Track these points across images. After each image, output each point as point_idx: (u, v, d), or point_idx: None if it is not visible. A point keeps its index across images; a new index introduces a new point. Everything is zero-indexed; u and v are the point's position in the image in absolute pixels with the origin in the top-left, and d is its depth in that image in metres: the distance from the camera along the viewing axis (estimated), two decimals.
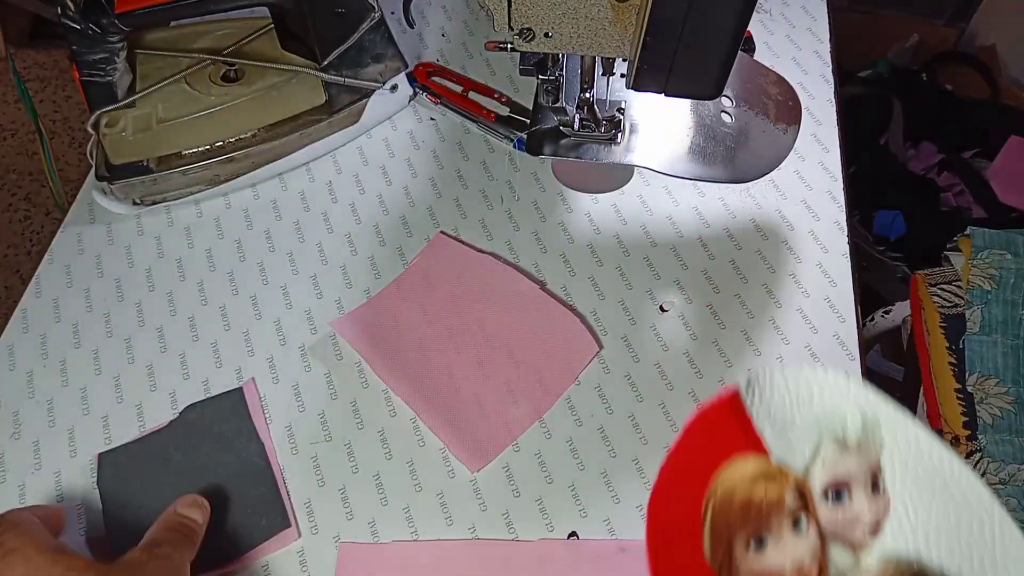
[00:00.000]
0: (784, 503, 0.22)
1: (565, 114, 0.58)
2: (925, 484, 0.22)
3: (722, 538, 0.22)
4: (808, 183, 0.68)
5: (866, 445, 0.22)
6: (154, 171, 0.66)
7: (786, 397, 0.23)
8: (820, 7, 0.82)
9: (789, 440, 0.23)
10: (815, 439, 0.23)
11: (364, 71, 0.69)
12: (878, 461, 0.22)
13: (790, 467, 0.23)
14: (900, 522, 0.21)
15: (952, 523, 0.21)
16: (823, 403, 0.23)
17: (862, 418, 0.22)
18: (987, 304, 0.79)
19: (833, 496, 0.22)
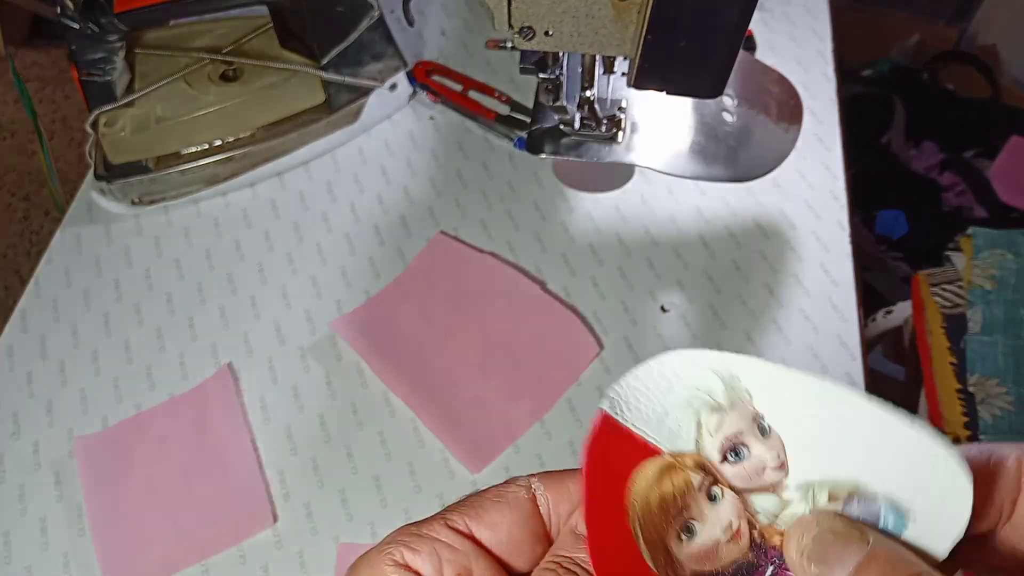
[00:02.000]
0: (691, 484, 0.23)
1: (566, 113, 0.58)
2: (799, 412, 0.23)
3: (657, 544, 0.23)
4: (810, 182, 0.68)
5: (736, 399, 0.24)
6: (153, 171, 0.65)
7: (649, 395, 0.25)
8: (822, 6, 0.81)
9: (670, 429, 0.24)
10: (692, 416, 0.24)
11: (363, 70, 0.69)
12: (753, 408, 0.24)
13: (683, 452, 0.24)
14: (797, 452, 0.23)
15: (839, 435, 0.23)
16: (683, 383, 0.24)
17: (721, 379, 0.24)
18: (988, 304, 0.79)
19: (732, 455, 0.24)
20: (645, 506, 0.24)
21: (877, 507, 0.22)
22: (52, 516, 0.53)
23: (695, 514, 0.24)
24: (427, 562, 0.23)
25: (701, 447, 0.24)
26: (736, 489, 0.24)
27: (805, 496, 0.23)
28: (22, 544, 0.52)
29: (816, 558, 0.21)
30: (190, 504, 0.52)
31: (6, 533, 0.52)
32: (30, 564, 0.51)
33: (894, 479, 0.22)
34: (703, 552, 0.23)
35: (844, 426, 0.23)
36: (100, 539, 0.51)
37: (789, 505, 0.23)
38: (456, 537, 0.24)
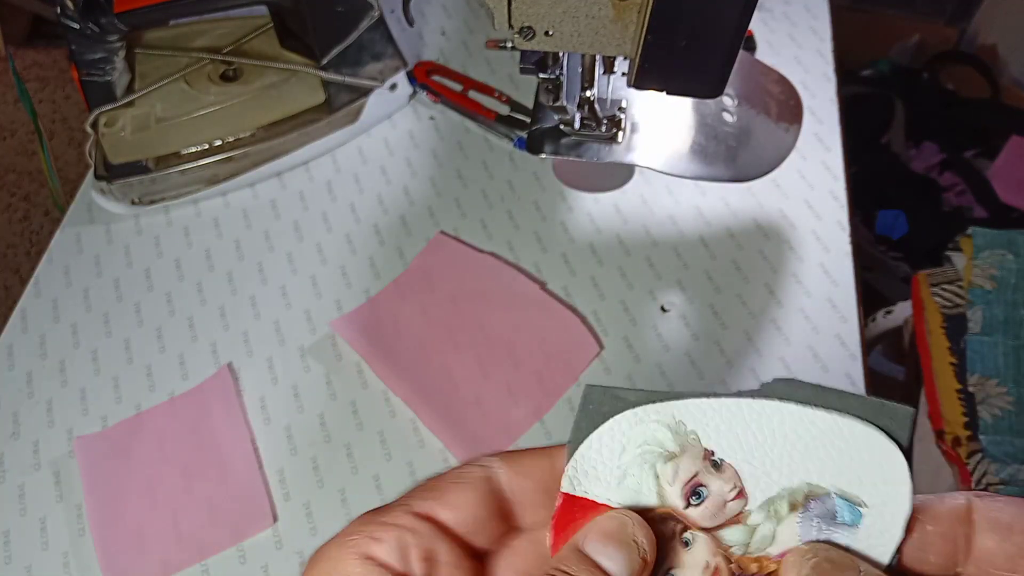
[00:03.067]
0: (663, 536, 0.24)
1: (566, 113, 0.58)
2: (742, 435, 0.25)
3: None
4: (810, 182, 0.68)
5: (685, 443, 0.25)
6: (153, 171, 0.65)
7: (605, 463, 0.26)
8: (822, 6, 0.81)
9: (631, 489, 0.25)
10: (649, 471, 0.25)
11: (363, 70, 0.69)
12: (702, 447, 0.25)
13: (649, 506, 0.25)
14: (753, 476, 0.24)
15: (783, 447, 0.24)
16: (632, 441, 0.25)
17: (668, 428, 0.25)
18: (988, 304, 0.79)
19: (694, 498, 0.25)
20: None
21: (832, 503, 0.24)
22: (52, 516, 0.53)
23: (673, 562, 0.24)
24: (392, 551, 0.23)
25: (663, 498, 0.25)
26: (705, 529, 0.24)
27: (768, 515, 0.24)
28: (22, 544, 0.52)
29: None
30: (190, 504, 0.52)
31: (6, 533, 0.52)
32: (30, 564, 0.51)
33: (839, 472, 0.24)
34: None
35: (785, 437, 0.24)
36: (100, 539, 0.51)
37: (756, 530, 0.24)
38: (418, 522, 0.24)
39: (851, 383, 0.57)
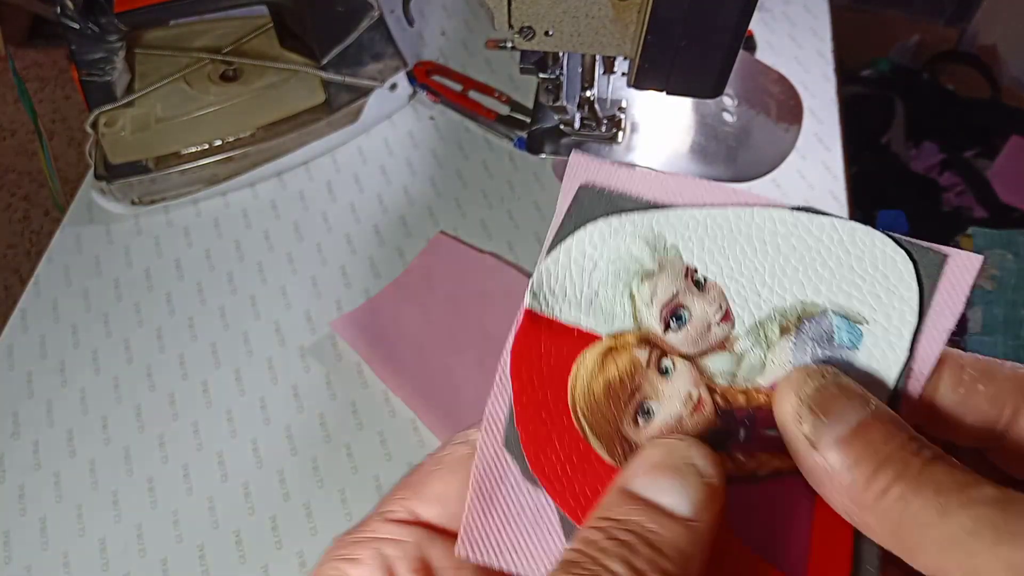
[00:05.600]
0: (639, 362, 0.22)
1: (566, 113, 0.58)
2: (731, 249, 0.22)
3: (611, 435, 0.21)
4: (810, 182, 0.68)
5: (664, 259, 0.22)
6: (152, 171, 0.65)
7: (572, 278, 0.23)
8: (822, 6, 0.81)
9: (603, 310, 0.22)
10: (623, 290, 0.22)
11: (363, 70, 0.69)
12: (683, 263, 0.22)
13: (623, 330, 0.22)
14: (741, 295, 0.22)
15: (777, 259, 0.22)
16: (604, 256, 0.23)
17: (644, 241, 0.22)
18: (988, 304, 0.79)
19: (674, 321, 0.22)
20: (590, 398, 0.22)
21: (829, 322, 0.21)
22: (52, 516, 0.53)
23: (649, 393, 0.22)
24: (374, 570, 0.20)
25: (640, 321, 0.22)
26: (686, 356, 0.22)
27: (757, 340, 0.21)
28: (22, 544, 0.52)
29: (820, 407, 0.18)
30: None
31: (6, 533, 0.52)
32: (30, 564, 0.51)
33: (838, 286, 0.21)
34: (665, 431, 0.21)
35: (777, 248, 0.22)
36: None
37: (744, 357, 0.21)
38: (400, 528, 0.21)
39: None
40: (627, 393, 0.22)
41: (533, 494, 0.22)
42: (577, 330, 0.23)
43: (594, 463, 0.22)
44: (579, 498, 0.21)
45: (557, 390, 0.22)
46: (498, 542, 0.22)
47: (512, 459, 0.22)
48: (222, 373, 0.59)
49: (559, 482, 0.22)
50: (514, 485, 0.22)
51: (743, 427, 0.21)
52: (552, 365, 0.23)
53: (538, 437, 0.22)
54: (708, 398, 0.21)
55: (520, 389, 0.23)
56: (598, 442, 0.22)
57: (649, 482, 0.19)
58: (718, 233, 0.22)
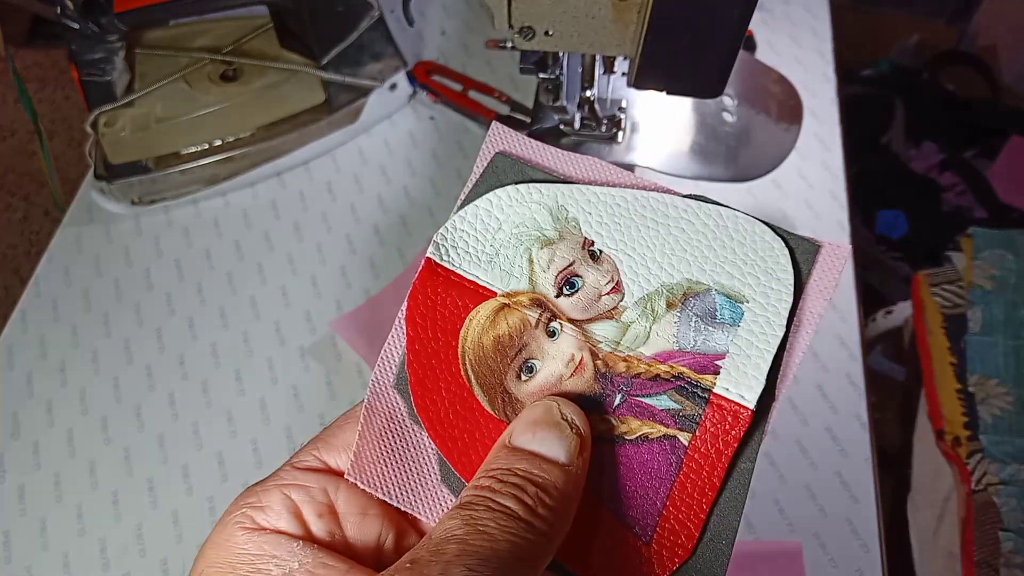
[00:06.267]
0: (528, 322, 0.23)
1: (566, 113, 0.58)
2: (627, 226, 0.23)
3: (494, 386, 0.23)
4: (810, 182, 0.68)
5: (565, 229, 0.24)
6: (152, 170, 0.65)
7: (477, 236, 0.24)
8: (822, 6, 0.81)
9: (502, 269, 0.24)
10: (523, 253, 0.24)
11: (363, 70, 0.69)
12: (582, 235, 0.23)
13: (518, 290, 0.24)
14: (632, 269, 0.23)
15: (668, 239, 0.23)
16: (509, 219, 0.24)
17: (548, 211, 0.24)
18: (988, 304, 0.79)
19: (567, 287, 0.23)
20: (479, 350, 0.23)
21: (713, 300, 0.23)
22: (52, 516, 0.53)
23: (534, 351, 0.23)
24: (280, 513, 0.21)
25: (535, 284, 0.24)
26: (575, 321, 0.23)
27: (644, 311, 0.23)
28: (22, 544, 0.52)
29: None
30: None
31: (6, 533, 0.52)
32: (30, 564, 0.51)
33: (722, 267, 0.23)
34: (545, 389, 0.23)
35: (668, 229, 0.23)
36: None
37: (630, 327, 0.23)
38: (307, 475, 0.22)
39: (851, 383, 0.57)
40: (514, 349, 0.23)
41: (416, 434, 0.24)
42: (474, 284, 0.24)
43: (475, 411, 0.23)
44: (457, 442, 0.23)
45: (448, 338, 0.24)
46: (382, 474, 0.23)
47: (400, 399, 0.24)
48: (222, 373, 0.59)
49: (440, 425, 0.23)
50: (399, 423, 0.24)
51: (620, 392, 0.23)
52: (446, 315, 0.24)
53: (426, 381, 0.24)
54: (590, 361, 0.23)
55: (414, 335, 0.24)
56: (481, 392, 0.23)
57: (531, 436, 0.21)
58: (616, 211, 0.24)
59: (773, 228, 0.23)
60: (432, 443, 0.23)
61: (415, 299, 0.24)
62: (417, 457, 0.23)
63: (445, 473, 0.23)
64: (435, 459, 0.23)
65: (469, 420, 0.23)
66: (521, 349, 0.23)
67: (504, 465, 0.21)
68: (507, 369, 0.23)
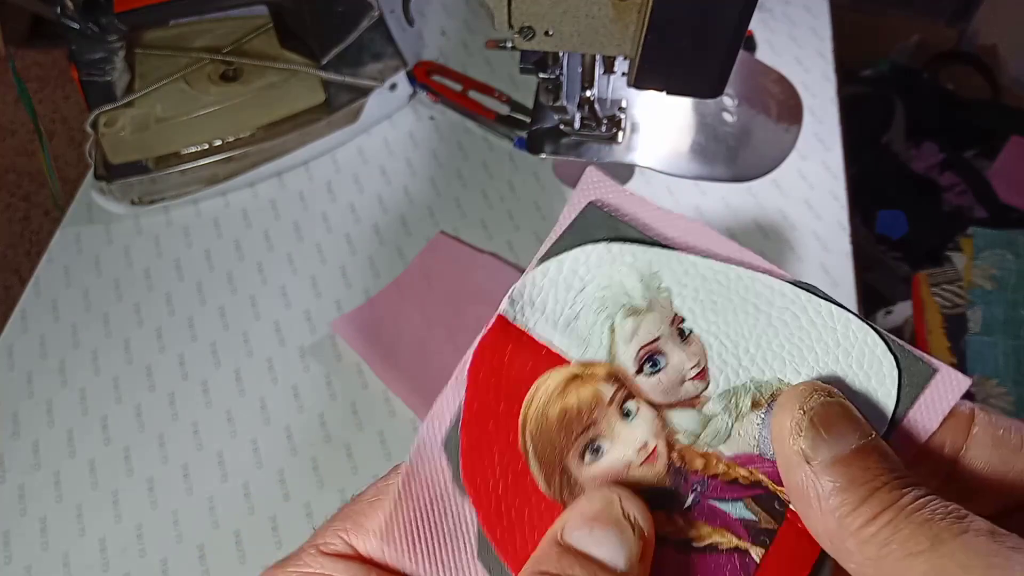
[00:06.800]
0: (601, 397, 0.21)
1: (566, 113, 0.58)
2: (723, 308, 0.21)
3: (553, 464, 0.21)
4: (810, 182, 0.68)
5: (655, 300, 0.21)
6: (152, 170, 0.65)
7: (557, 295, 0.22)
8: (822, 6, 0.81)
9: (580, 335, 0.21)
10: (606, 320, 0.21)
11: (363, 70, 0.69)
12: (673, 309, 0.21)
13: (594, 360, 0.21)
14: (721, 356, 0.21)
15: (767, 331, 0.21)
16: (596, 281, 0.22)
17: (640, 276, 0.21)
18: (988, 304, 0.79)
19: (649, 366, 0.21)
20: (542, 420, 0.21)
21: None
22: (52, 516, 0.53)
23: (603, 431, 0.21)
24: None
25: (615, 356, 0.21)
26: (653, 404, 0.21)
27: (728, 406, 0.21)
28: (22, 544, 0.52)
29: (823, 423, 0.18)
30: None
31: (6, 533, 0.52)
32: (30, 564, 0.51)
33: (819, 373, 0.20)
34: (610, 475, 0.20)
35: (769, 319, 0.21)
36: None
37: (711, 421, 0.21)
38: (334, 563, 0.20)
39: None
40: (581, 425, 0.21)
41: (458, 502, 0.21)
42: (547, 348, 0.22)
43: (528, 488, 0.21)
44: (503, 519, 0.21)
45: (511, 404, 0.22)
46: (414, 543, 0.21)
47: (447, 461, 0.22)
48: (222, 373, 0.59)
49: (487, 497, 0.21)
50: (442, 488, 0.21)
51: (693, 492, 0.20)
52: (513, 378, 0.22)
53: (479, 446, 0.21)
54: (664, 452, 0.21)
55: (473, 394, 0.22)
56: (538, 467, 0.21)
57: (587, 534, 0.19)
58: (715, 288, 0.21)
59: (887, 341, 0.20)
60: (475, 514, 0.21)
61: (481, 357, 0.22)
62: (455, 528, 0.21)
63: (482, 548, 0.21)
64: (474, 532, 0.21)
65: (519, 496, 0.21)
66: (589, 427, 0.21)
67: (554, 568, 0.18)
68: (570, 446, 0.21)
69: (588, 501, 0.20)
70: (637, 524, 0.19)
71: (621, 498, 0.19)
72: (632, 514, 0.19)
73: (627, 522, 0.19)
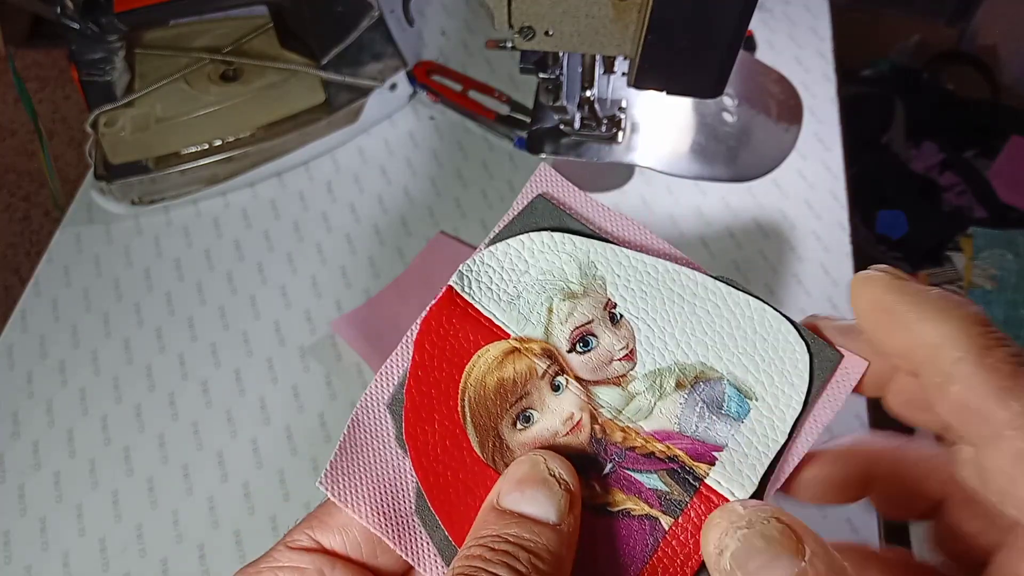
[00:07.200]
0: (535, 370, 0.23)
1: (566, 113, 0.58)
2: (652, 296, 0.23)
3: (488, 429, 0.23)
4: (810, 182, 0.68)
5: (590, 286, 0.23)
6: (152, 170, 0.65)
7: (503, 274, 0.24)
8: (822, 6, 0.81)
9: (520, 313, 0.24)
10: (544, 301, 0.24)
11: (363, 70, 0.69)
12: (607, 295, 0.23)
13: (532, 337, 0.23)
14: (648, 340, 0.23)
15: (691, 318, 0.23)
16: (538, 265, 0.24)
17: (578, 265, 0.24)
18: (988, 304, 0.79)
19: (580, 344, 0.23)
20: (480, 388, 0.23)
21: (722, 389, 0.22)
22: (52, 516, 0.53)
23: (535, 402, 0.23)
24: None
25: (550, 334, 0.23)
26: (581, 380, 0.23)
27: (652, 386, 0.23)
28: (22, 544, 0.52)
29: (738, 563, 0.18)
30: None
31: (6, 533, 0.52)
32: (30, 564, 0.51)
33: (738, 359, 0.22)
34: (537, 442, 0.23)
35: (694, 308, 0.23)
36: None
37: (634, 399, 0.23)
38: (301, 556, 0.21)
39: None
40: (515, 395, 0.23)
41: (398, 459, 0.23)
42: (490, 321, 0.24)
43: (463, 450, 0.23)
44: (439, 477, 0.23)
45: (452, 371, 0.24)
46: (356, 489, 0.23)
47: (391, 420, 0.24)
48: (222, 373, 0.59)
49: (426, 457, 0.23)
50: (384, 444, 0.23)
51: (611, 461, 0.22)
52: (456, 348, 0.24)
53: (420, 409, 0.23)
54: (588, 424, 0.23)
55: (420, 360, 0.24)
56: (474, 431, 0.23)
57: (519, 496, 0.20)
58: (646, 278, 0.23)
59: (799, 330, 0.22)
60: (413, 472, 0.23)
61: (428, 325, 0.24)
62: (395, 482, 0.23)
63: (420, 505, 0.23)
64: (413, 488, 0.23)
65: (455, 458, 0.23)
66: (522, 397, 0.23)
67: (494, 531, 0.20)
68: (504, 414, 0.23)
69: (517, 466, 0.21)
70: (563, 479, 0.21)
71: (546, 459, 0.21)
72: (557, 471, 0.21)
73: (553, 479, 0.21)
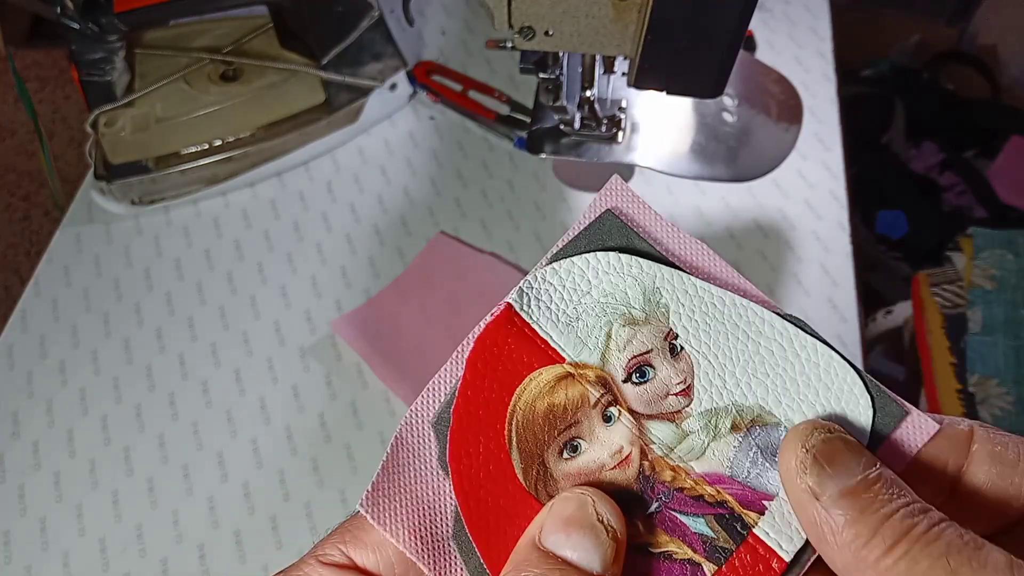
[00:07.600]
0: (587, 399, 0.22)
1: (566, 113, 0.58)
2: (716, 330, 0.22)
3: (533, 456, 0.22)
4: (810, 182, 0.68)
5: (653, 313, 0.22)
6: (152, 170, 0.65)
7: (564, 293, 0.23)
8: (822, 6, 0.81)
9: (577, 336, 0.22)
10: (603, 326, 0.23)
11: (363, 70, 0.69)
12: (668, 325, 0.22)
13: (587, 363, 0.22)
14: (708, 376, 0.22)
15: (753, 358, 0.22)
16: (600, 288, 0.23)
17: (642, 289, 0.23)
18: (988, 304, 0.79)
19: (637, 375, 0.22)
20: (528, 412, 0.22)
21: (778, 436, 0.21)
22: (52, 516, 0.53)
23: (584, 431, 0.22)
24: None
25: (606, 361, 0.22)
26: (634, 412, 0.22)
27: (708, 425, 0.21)
28: (22, 544, 0.52)
29: (825, 458, 0.18)
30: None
31: (6, 533, 0.52)
32: (30, 564, 0.51)
33: (798, 405, 0.21)
34: (583, 473, 0.21)
35: (758, 348, 0.22)
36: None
37: (687, 437, 0.21)
38: (333, 573, 0.21)
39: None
40: (565, 423, 0.22)
41: (439, 480, 0.22)
42: (545, 343, 0.23)
43: (506, 476, 0.22)
44: (480, 503, 0.22)
45: (503, 393, 0.22)
46: (395, 512, 0.22)
47: (435, 439, 0.23)
48: (222, 373, 0.59)
49: (468, 480, 0.22)
50: (426, 464, 0.22)
51: (657, 500, 0.21)
52: (508, 368, 0.23)
53: (466, 430, 0.22)
54: (637, 459, 0.21)
55: (470, 379, 0.23)
56: (519, 457, 0.22)
57: (563, 538, 0.19)
58: (711, 310, 0.22)
59: (864, 381, 0.21)
60: (453, 495, 0.22)
61: (483, 343, 0.23)
62: (434, 504, 0.22)
63: (458, 530, 0.22)
64: (451, 512, 0.22)
65: (498, 483, 0.22)
66: (571, 425, 0.22)
67: (535, 573, 0.19)
68: (551, 441, 0.22)
69: (563, 503, 0.20)
70: (611, 526, 0.20)
71: (595, 501, 0.20)
72: (606, 517, 0.20)
73: (601, 525, 0.20)
